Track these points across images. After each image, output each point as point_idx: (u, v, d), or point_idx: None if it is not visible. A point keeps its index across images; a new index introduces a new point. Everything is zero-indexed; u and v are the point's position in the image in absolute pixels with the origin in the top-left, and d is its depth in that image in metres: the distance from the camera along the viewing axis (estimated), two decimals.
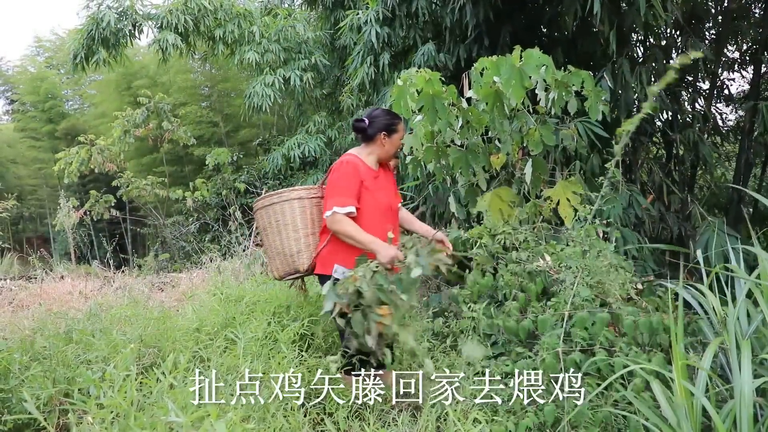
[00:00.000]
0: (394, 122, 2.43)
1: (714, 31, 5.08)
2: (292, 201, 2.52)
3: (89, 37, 7.10)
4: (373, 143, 2.42)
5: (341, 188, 2.27)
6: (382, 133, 2.40)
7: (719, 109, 5.41)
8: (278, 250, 2.52)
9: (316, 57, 7.82)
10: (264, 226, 2.58)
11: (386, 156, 2.46)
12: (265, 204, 2.56)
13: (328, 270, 2.32)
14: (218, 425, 1.10)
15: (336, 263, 2.31)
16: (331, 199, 2.26)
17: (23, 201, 13.98)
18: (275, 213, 2.52)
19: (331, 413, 2.08)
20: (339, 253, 2.32)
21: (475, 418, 1.81)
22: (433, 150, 3.10)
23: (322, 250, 2.39)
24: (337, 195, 2.26)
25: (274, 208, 2.53)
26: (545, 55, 2.61)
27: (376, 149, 2.42)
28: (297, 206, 2.52)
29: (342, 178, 2.30)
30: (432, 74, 2.83)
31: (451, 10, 4.26)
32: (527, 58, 2.59)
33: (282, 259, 2.52)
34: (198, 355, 2.45)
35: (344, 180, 2.29)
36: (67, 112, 13.94)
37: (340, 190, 2.26)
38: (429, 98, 2.79)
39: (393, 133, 2.42)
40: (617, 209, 3.34)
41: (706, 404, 1.39)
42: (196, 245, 8.03)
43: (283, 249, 2.50)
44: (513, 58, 2.58)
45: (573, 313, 2.17)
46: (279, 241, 2.52)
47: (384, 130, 2.40)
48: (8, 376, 2.13)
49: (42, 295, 4.65)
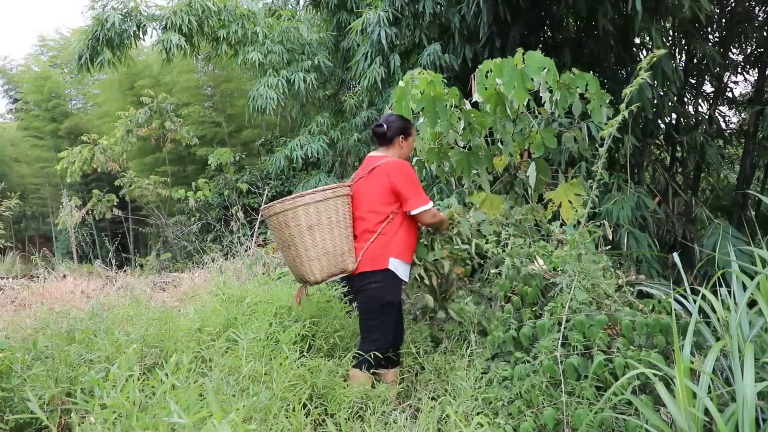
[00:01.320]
0: (408, 126, 2.63)
1: (718, 34, 5.07)
2: (342, 197, 2.43)
3: (94, 38, 7.13)
4: (393, 146, 2.60)
5: (419, 186, 2.48)
6: (400, 136, 2.59)
7: (723, 112, 5.40)
8: (327, 249, 2.37)
9: (319, 58, 7.83)
10: (310, 224, 2.36)
11: (404, 157, 2.63)
12: (315, 200, 2.36)
13: (382, 264, 2.38)
14: (222, 427, 1.10)
15: (391, 257, 2.40)
16: (420, 196, 2.45)
17: (26, 200, 14.01)
18: (327, 209, 2.37)
19: (332, 414, 2.08)
20: (399, 248, 2.44)
21: (476, 421, 1.81)
22: (436, 151, 3.10)
23: (370, 247, 2.41)
24: (420, 193, 2.45)
25: (327, 203, 2.37)
26: (547, 57, 2.60)
27: (395, 152, 2.59)
28: (345, 203, 2.44)
29: (413, 176, 2.50)
30: (435, 76, 2.83)
31: (459, 11, 4.26)
32: (529, 60, 2.58)
33: (330, 260, 2.38)
34: (200, 355, 2.45)
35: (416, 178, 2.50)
36: (70, 111, 13.98)
37: (420, 188, 2.48)
38: (430, 100, 2.80)
39: (408, 135, 2.63)
40: (625, 211, 3.34)
41: (710, 406, 1.39)
42: (198, 245, 8.05)
43: (334, 248, 2.38)
44: (515, 60, 2.58)
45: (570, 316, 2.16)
46: (330, 239, 2.37)
47: (401, 133, 2.59)
48: (10, 376, 2.14)
49: (44, 294, 4.66)
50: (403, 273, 2.44)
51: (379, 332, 2.40)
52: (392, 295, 2.40)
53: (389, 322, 2.42)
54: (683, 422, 1.42)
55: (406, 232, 2.47)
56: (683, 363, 1.49)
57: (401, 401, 2.41)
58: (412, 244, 2.53)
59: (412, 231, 2.51)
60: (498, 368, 2.23)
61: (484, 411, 2.01)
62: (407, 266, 2.49)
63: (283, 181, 8.88)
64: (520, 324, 2.31)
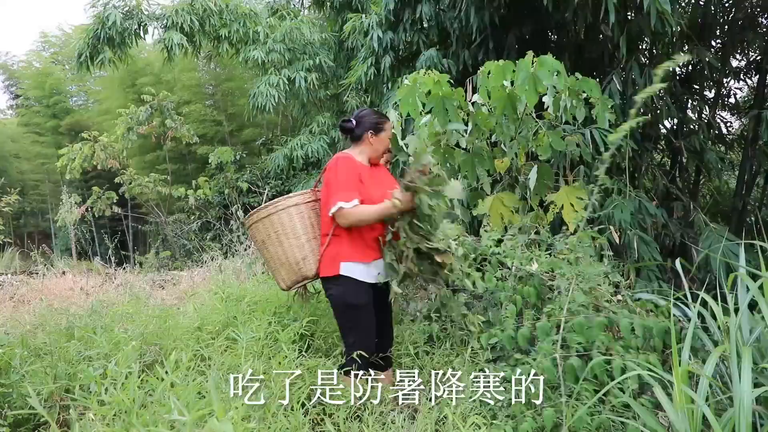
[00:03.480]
0: (380, 121, 2.49)
1: (720, 40, 5.09)
2: (288, 209, 2.47)
3: (95, 36, 7.11)
4: (362, 142, 2.47)
5: (342, 183, 2.28)
6: (369, 131, 2.46)
7: (723, 118, 5.41)
8: (282, 261, 2.47)
9: (321, 58, 7.84)
10: (263, 239, 2.52)
11: (375, 154, 2.50)
12: (261, 216, 2.50)
13: (334, 270, 2.33)
14: (225, 424, 1.10)
15: (342, 261, 2.32)
16: (333, 196, 2.27)
17: (25, 196, 13.99)
18: (273, 224, 2.47)
19: (331, 414, 2.08)
20: (342, 251, 2.33)
21: (474, 422, 1.81)
22: (440, 152, 3.10)
23: (325, 252, 2.38)
24: (339, 190, 2.27)
25: (271, 219, 2.48)
26: (558, 61, 2.61)
27: (365, 148, 2.48)
28: (294, 213, 2.47)
29: (341, 173, 2.32)
30: (441, 76, 2.84)
31: (455, 16, 4.29)
32: (540, 63, 2.59)
33: (288, 269, 2.47)
34: (199, 353, 2.45)
35: (343, 175, 2.31)
36: (71, 108, 13.97)
37: (341, 185, 2.28)
38: (439, 100, 2.79)
39: (380, 131, 2.48)
40: (625, 215, 3.34)
41: (706, 411, 1.39)
42: (197, 243, 8.05)
43: (287, 258, 2.46)
44: (526, 63, 2.58)
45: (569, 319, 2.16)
46: (282, 251, 2.47)
47: (371, 128, 2.46)
48: (9, 372, 2.14)
49: (43, 291, 4.66)
50: (361, 274, 2.32)
51: (353, 336, 2.33)
52: (354, 297, 2.31)
53: (361, 325, 2.34)
54: (680, 426, 1.43)
55: (359, 230, 2.33)
56: (681, 367, 1.49)
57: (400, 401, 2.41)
58: (369, 240, 2.35)
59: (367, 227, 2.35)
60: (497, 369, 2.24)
61: (482, 413, 2.01)
62: (366, 265, 2.34)
63: (283, 180, 8.88)
64: (518, 325, 2.32)
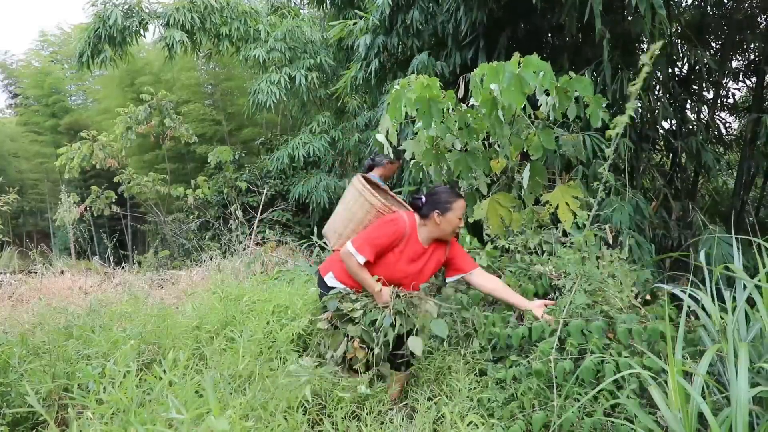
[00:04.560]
0: (449, 201, 2.40)
1: (719, 41, 5.10)
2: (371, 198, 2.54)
3: (95, 35, 7.11)
4: (428, 220, 2.42)
5: (372, 238, 2.35)
6: (435, 212, 2.39)
7: (722, 118, 5.43)
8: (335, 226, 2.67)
9: (321, 57, 7.85)
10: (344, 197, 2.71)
11: (441, 234, 2.44)
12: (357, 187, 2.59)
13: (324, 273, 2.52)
14: (221, 421, 1.10)
15: (331, 271, 2.48)
16: (359, 240, 2.35)
17: (24, 195, 13.98)
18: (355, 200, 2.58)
19: (329, 413, 2.09)
20: (337, 264, 2.48)
21: (471, 421, 1.82)
22: (433, 154, 3.10)
23: (330, 256, 2.56)
24: (365, 241, 2.34)
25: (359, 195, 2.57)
26: (544, 61, 2.61)
27: (431, 227, 2.43)
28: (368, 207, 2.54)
29: (380, 230, 2.38)
30: (431, 80, 2.83)
31: (447, 19, 4.31)
32: (526, 64, 2.59)
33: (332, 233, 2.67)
34: (198, 353, 2.46)
35: (380, 233, 2.37)
36: (70, 107, 13.95)
37: (370, 239, 2.34)
38: (425, 102, 2.79)
39: (447, 211, 2.39)
40: (624, 216, 3.35)
41: (704, 408, 1.39)
42: (196, 243, 8.05)
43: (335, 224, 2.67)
44: (512, 64, 2.58)
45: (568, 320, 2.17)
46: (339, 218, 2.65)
47: (436, 208, 2.40)
48: (8, 370, 2.14)
49: (42, 290, 4.66)
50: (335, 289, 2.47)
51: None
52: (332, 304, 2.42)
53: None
54: (676, 425, 1.43)
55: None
56: (677, 365, 1.50)
57: (399, 401, 2.42)
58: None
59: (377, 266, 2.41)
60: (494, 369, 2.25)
61: (479, 412, 2.02)
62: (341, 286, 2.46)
63: (282, 180, 8.88)
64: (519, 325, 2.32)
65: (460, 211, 2.43)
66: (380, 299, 2.33)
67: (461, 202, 2.44)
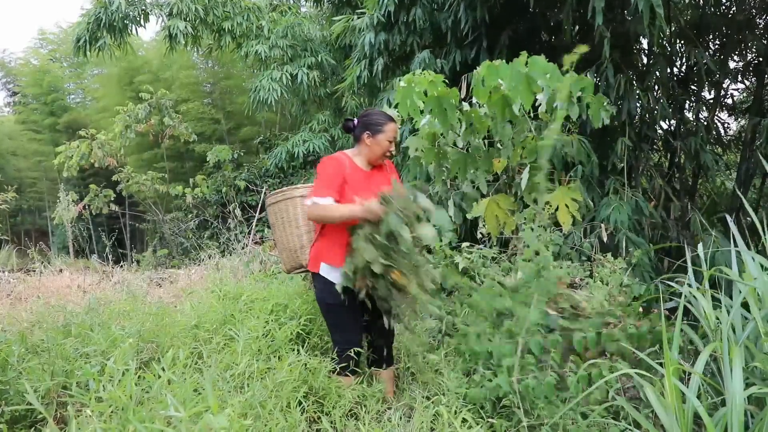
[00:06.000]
0: (380, 122, 2.39)
1: (719, 41, 5.10)
2: (294, 198, 2.64)
3: (95, 21, 7.02)
4: (360, 143, 2.43)
5: (322, 181, 2.30)
6: (366, 132, 2.39)
7: (721, 119, 5.43)
8: (284, 245, 2.66)
9: (322, 56, 7.85)
10: (273, 222, 2.71)
11: (373, 156, 2.42)
12: (272, 201, 2.70)
13: (316, 268, 2.37)
14: (219, 418, 1.11)
15: (322, 261, 2.34)
16: (314, 191, 2.28)
17: (22, 193, 13.97)
18: (281, 210, 2.66)
19: (327, 412, 2.10)
20: (324, 251, 2.36)
21: (464, 418, 1.83)
22: (434, 152, 3.10)
23: (312, 249, 2.45)
24: (317, 187, 2.28)
25: (279, 205, 2.66)
26: (550, 63, 2.62)
27: (363, 149, 2.43)
28: (299, 203, 2.62)
29: (324, 171, 2.33)
30: (436, 76, 2.84)
31: (448, 16, 4.31)
32: (533, 64, 2.60)
33: (288, 254, 2.65)
34: (196, 351, 2.46)
35: (325, 173, 2.32)
36: (69, 106, 13.95)
37: (321, 182, 2.30)
38: (436, 100, 2.80)
39: (378, 133, 2.38)
40: (622, 216, 3.35)
41: (699, 408, 1.40)
42: (194, 242, 8.05)
43: (288, 244, 2.64)
44: (519, 64, 2.59)
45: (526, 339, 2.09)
46: (285, 237, 2.64)
47: (367, 130, 2.39)
48: (6, 369, 2.14)
49: (40, 288, 4.66)
50: (336, 277, 2.31)
51: (336, 333, 2.39)
52: (331, 297, 2.30)
53: (342, 323, 2.37)
54: (671, 425, 1.44)
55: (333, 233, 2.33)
56: (672, 365, 1.51)
57: (397, 400, 2.42)
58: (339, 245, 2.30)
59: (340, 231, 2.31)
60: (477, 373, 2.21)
61: (474, 409, 2.02)
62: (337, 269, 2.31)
63: (281, 179, 8.89)
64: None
65: (392, 133, 2.41)
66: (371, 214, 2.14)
67: (392, 125, 2.43)
